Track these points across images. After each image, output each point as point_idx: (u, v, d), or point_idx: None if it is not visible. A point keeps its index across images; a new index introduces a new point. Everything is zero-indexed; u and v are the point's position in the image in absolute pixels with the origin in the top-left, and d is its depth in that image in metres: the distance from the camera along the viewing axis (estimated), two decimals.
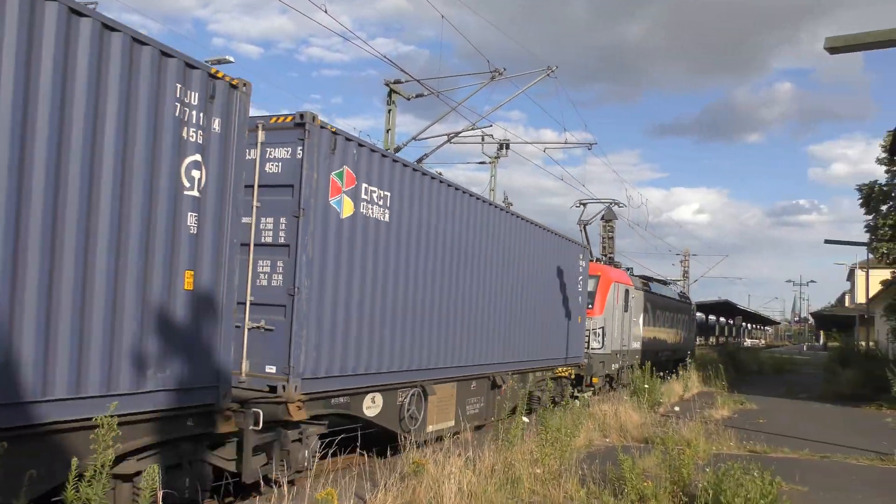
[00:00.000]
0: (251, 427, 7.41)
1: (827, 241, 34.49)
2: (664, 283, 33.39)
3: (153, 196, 6.26)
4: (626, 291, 23.10)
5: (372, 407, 9.68)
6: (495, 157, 30.01)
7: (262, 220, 8.41)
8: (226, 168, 7.05)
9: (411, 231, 10.39)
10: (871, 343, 39.05)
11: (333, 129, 8.64)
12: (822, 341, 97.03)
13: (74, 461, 4.60)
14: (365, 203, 9.28)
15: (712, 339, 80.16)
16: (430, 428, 10.93)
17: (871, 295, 39.44)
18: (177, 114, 6.49)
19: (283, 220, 8.37)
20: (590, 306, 19.81)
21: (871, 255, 42.71)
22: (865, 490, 8.83)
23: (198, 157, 6.71)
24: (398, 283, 10.07)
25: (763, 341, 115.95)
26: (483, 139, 28.86)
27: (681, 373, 21.50)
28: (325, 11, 14.27)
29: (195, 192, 6.70)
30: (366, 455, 8.71)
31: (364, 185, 9.26)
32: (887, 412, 17.29)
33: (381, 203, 9.61)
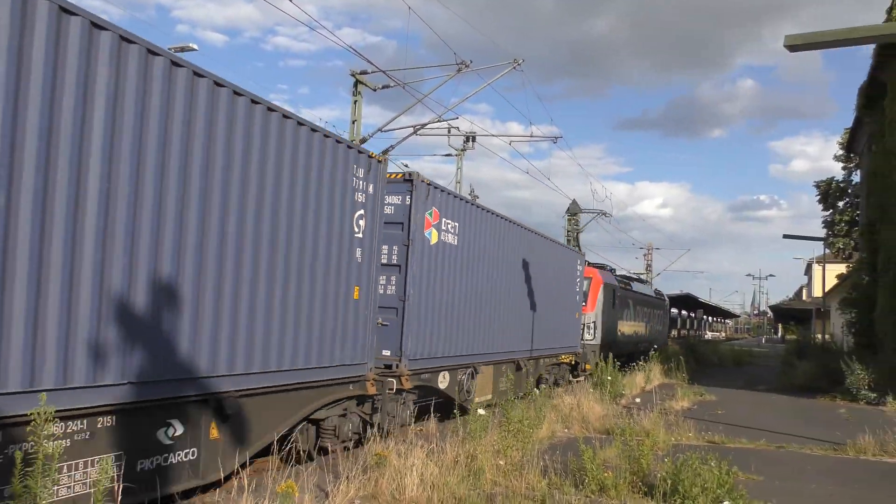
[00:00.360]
0: (387, 391, 10.78)
1: (786, 236, 35.30)
2: (642, 281, 37.63)
3: (342, 239, 9.64)
4: (614, 291, 26.18)
5: (443, 382, 13.13)
6: (461, 150, 30.08)
7: (382, 247, 11.24)
8: (374, 217, 10.44)
9: (470, 251, 13.90)
10: (826, 336, 39.99)
11: (428, 182, 11.98)
12: (780, 334, 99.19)
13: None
14: (444, 232, 12.68)
15: (674, 332, 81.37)
16: (476, 399, 14.25)
17: (827, 289, 40.40)
18: (353, 184, 9.84)
19: (395, 247, 11.68)
20: (584, 304, 22.80)
21: (827, 250, 43.80)
22: (819, 479, 9.06)
23: (362, 211, 10.07)
24: (462, 290, 13.57)
25: (723, 334, 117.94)
26: (449, 131, 28.92)
27: (642, 365, 21.78)
28: (291, 0, 14.12)
29: (360, 235, 10.08)
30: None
31: (444, 220, 12.65)
32: (841, 403, 17.73)
33: (453, 231, 13.05)
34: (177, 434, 7.01)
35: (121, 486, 5.28)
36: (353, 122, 23.17)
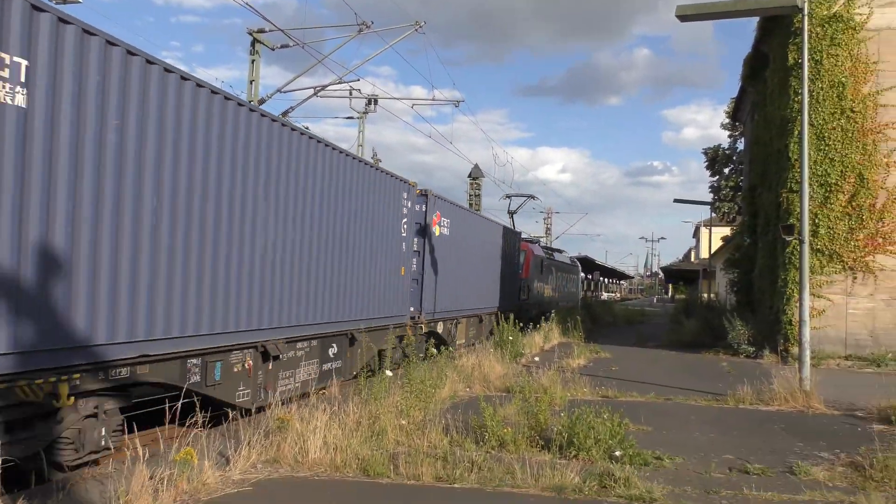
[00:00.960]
0: (417, 333, 16.38)
1: (676, 201, 36.89)
2: (560, 251, 43.74)
3: (395, 237, 15.14)
4: (541, 261, 32.37)
5: (440, 328, 18.59)
6: (363, 113, 29.69)
7: (409, 239, 16.08)
8: (410, 223, 16.07)
9: (457, 239, 19.44)
10: (712, 295, 42.28)
11: (436, 195, 17.50)
12: (670, 294, 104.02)
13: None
14: (442, 227, 18.05)
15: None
16: (458, 342, 19.99)
17: (713, 251, 42.59)
18: (401, 202, 15.50)
19: (415, 238, 16.55)
20: (519, 272, 28.73)
21: (713, 214, 46.11)
22: (702, 427, 9.66)
23: (405, 220, 15.64)
24: (451, 267, 18.87)
25: (618, 295, 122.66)
26: (351, 93, 28.45)
27: (541, 325, 22.43)
28: None
29: (403, 234, 15.61)
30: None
31: (443, 218, 18.07)
32: (723, 357, 18.88)
33: (447, 226, 18.45)
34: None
35: None
36: (251, 83, 22.43)
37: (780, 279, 18.05)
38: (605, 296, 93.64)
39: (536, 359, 16.24)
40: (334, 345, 12.42)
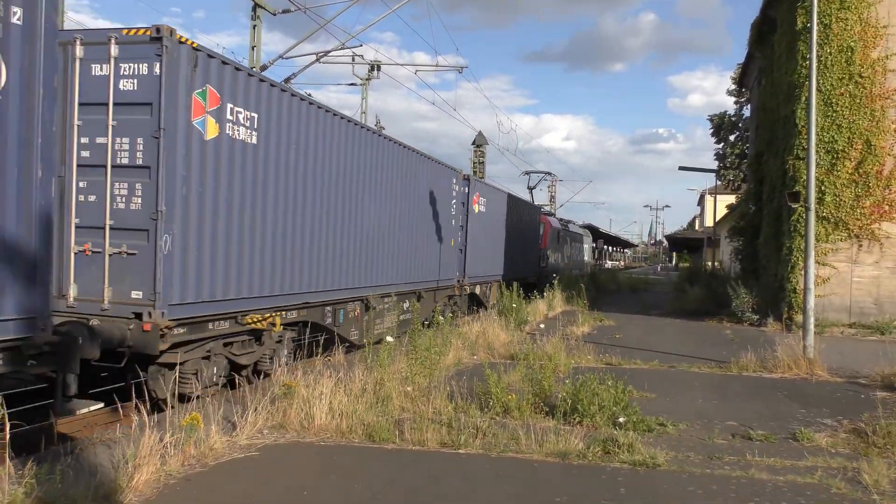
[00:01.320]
0: (463, 293, 20.16)
1: (681, 168, 36.76)
2: (573, 222, 47.59)
3: (447, 215, 18.46)
4: (557, 231, 35.61)
5: (477, 290, 21.77)
6: (366, 79, 29.40)
7: (457, 216, 18.81)
8: (459, 206, 20.06)
9: (491, 216, 22.71)
10: (716, 263, 42.26)
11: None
12: (674, 262, 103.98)
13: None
14: (480, 205, 19.64)
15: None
16: (490, 303, 22.63)
17: (717, 218, 42.46)
18: (452, 188, 18.85)
19: (460, 216, 18.68)
20: (539, 242, 31.70)
21: (719, 182, 45.89)
22: (705, 394, 9.70)
23: (454, 200, 19.28)
24: (487, 241, 22.37)
25: (622, 263, 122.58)
26: (353, 60, 28.15)
27: (545, 293, 22.47)
28: None
29: (452, 212, 19.11)
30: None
31: (481, 198, 19.49)
32: (727, 325, 18.92)
33: (483, 204, 20.18)
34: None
35: None
36: (253, 49, 22.19)
37: (784, 247, 17.99)
38: (608, 264, 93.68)
39: (541, 326, 16.28)
40: (407, 300, 15.97)
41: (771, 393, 9.93)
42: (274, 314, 9.89)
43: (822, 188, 17.20)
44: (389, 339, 9.25)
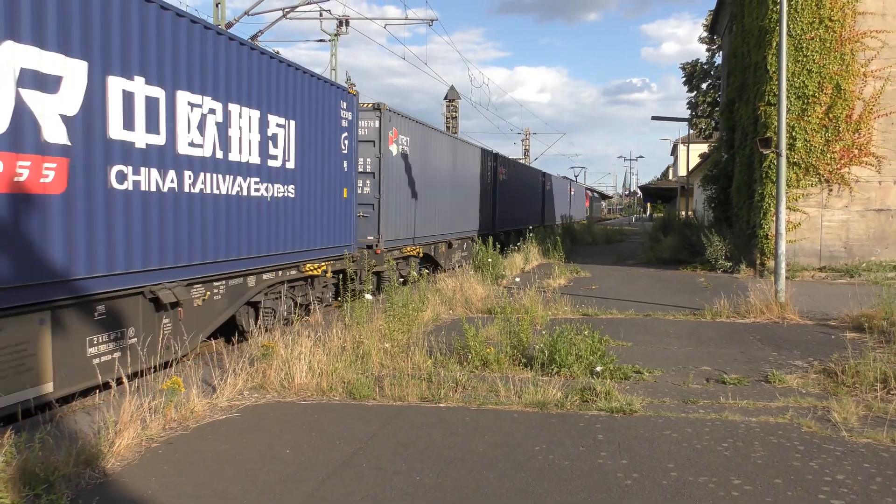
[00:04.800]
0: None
1: (653, 118, 36.61)
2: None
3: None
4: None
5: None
6: (335, 35, 28.86)
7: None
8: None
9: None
10: (690, 212, 42.62)
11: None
12: (649, 213, 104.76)
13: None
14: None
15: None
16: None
17: (691, 168, 42.69)
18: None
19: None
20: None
21: (691, 131, 46.00)
22: (680, 340, 9.87)
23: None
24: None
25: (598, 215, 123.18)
26: (321, 15, 27.59)
27: (522, 246, 22.56)
28: None
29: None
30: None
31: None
32: (701, 273, 19.17)
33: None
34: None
35: None
36: (217, 5, 21.65)
37: (756, 193, 18.17)
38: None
39: (517, 280, 16.38)
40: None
41: (744, 337, 10.13)
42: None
43: (793, 134, 17.33)
44: (369, 296, 9.25)
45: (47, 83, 6.49)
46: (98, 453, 5.15)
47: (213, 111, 9.07)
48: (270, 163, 10.62)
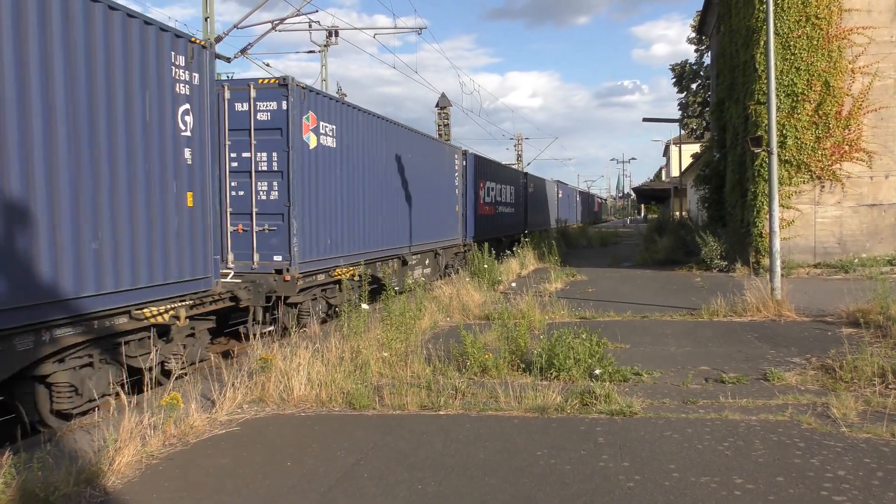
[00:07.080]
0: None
1: (645, 119, 36.76)
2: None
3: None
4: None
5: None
6: (325, 46, 28.93)
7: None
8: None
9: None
10: (684, 213, 42.70)
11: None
12: (643, 214, 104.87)
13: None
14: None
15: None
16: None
17: (683, 168, 42.78)
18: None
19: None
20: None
21: (683, 131, 46.13)
22: (678, 341, 9.88)
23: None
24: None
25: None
26: (311, 26, 27.65)
27: (517, 251, 22.56)
28: None
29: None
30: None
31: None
32: (697, 273, 19.20)
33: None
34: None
35: None
36: (206, 20, 21.66)
37: (749, 192, 18.23)
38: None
39: (514, 285, 16.38)
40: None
41: (741, 336, 10.15)
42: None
43: (784, 131, 17.39)
44: (365, 306, 9.24)
45: None
46: (98, 471, 5.13)
47: None
48: None
